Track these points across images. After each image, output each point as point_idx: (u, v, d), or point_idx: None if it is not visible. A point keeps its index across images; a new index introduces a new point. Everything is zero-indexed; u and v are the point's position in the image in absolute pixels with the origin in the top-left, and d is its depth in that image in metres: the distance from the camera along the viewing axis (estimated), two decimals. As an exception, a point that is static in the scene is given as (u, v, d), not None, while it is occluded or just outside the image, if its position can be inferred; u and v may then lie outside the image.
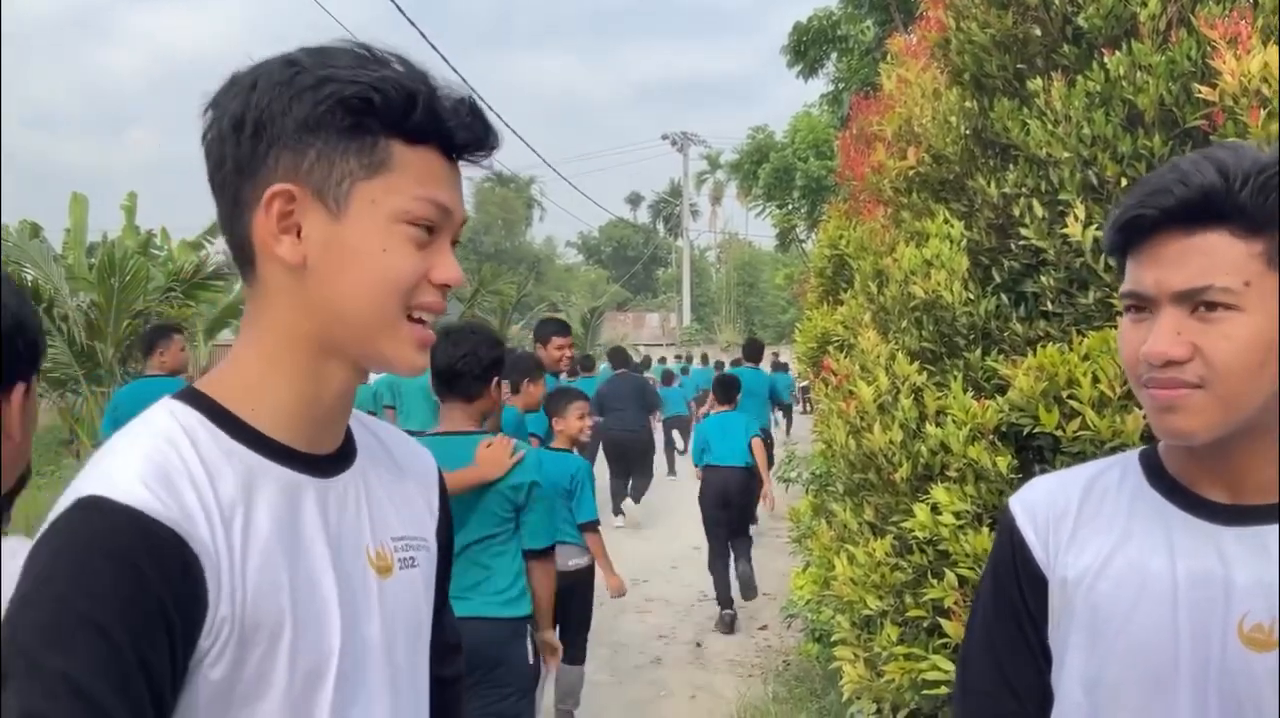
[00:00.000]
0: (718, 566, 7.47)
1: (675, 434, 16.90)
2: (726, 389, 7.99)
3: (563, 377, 5.60)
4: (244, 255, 1.06)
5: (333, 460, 1.11)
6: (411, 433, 1.44)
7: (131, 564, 0.89)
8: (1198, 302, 1.12)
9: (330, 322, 1.04)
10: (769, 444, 8.64)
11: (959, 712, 1.41)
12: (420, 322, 1.05)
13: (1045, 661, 1.33)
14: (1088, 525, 1.30)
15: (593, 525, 5.01)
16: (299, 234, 1.02)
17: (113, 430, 1.16)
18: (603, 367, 15.54)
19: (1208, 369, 1.11)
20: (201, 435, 1.02)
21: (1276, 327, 1.10)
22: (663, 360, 27.24)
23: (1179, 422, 1.14)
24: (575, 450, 5.08)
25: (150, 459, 0.96)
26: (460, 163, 1.09)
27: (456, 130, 1.04)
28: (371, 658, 1.09)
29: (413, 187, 1.02)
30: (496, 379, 3.57)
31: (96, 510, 0.91)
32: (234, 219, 1.05)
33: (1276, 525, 1.17)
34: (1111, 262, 2.43)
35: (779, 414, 16.41)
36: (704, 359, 28.51)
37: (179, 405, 1.05)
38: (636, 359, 20.84)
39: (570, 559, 4.82)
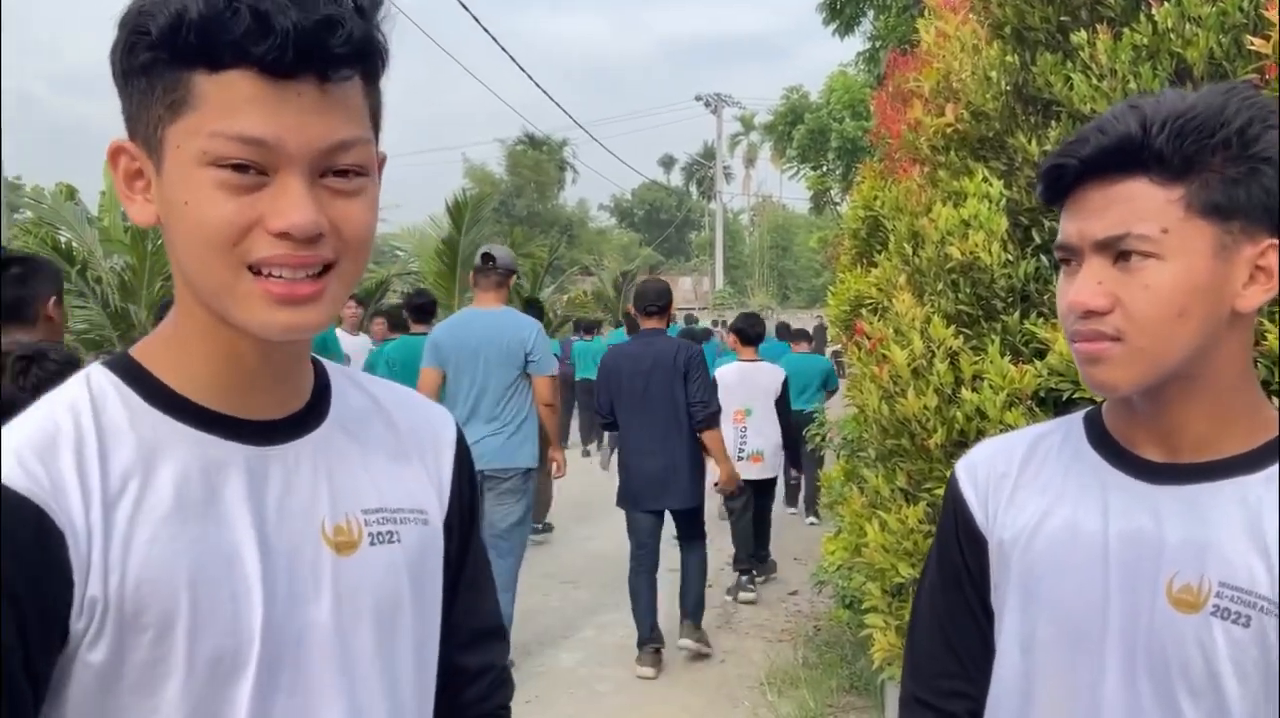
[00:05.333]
0: None
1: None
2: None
3: None
4: None
5: (279, 427, 1.02)
6: None
7: None
8: (1118, 251, 1.11)
9: (188, 283, 0.95)
10: None
11: (905, 675, 1.42)
12: (271, 276, 0.89)
13: (988, 622, 1.33)
14: (1027, 487, 1.30)
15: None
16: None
17: None
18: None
19: (1127, 321, 1.11)
20: (110, 402, 0.95)
21: (1198, 275, 1.09)
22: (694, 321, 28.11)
23: (1102, 374, 1.14)
24: None
25: (39, 428, 0.91)
26: (337, 80, 0.90)
27: (250, 44, 0.85)
28: (315, 642, 0.99)
29: (210, 122, 0.87)
30: None
31: None
32: None
33: (1209, 484, 1.16)
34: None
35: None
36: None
37: (99, 370, 0.98)
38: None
39: None
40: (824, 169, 19.34)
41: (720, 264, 45.85)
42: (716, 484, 6.10)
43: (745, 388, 7.07)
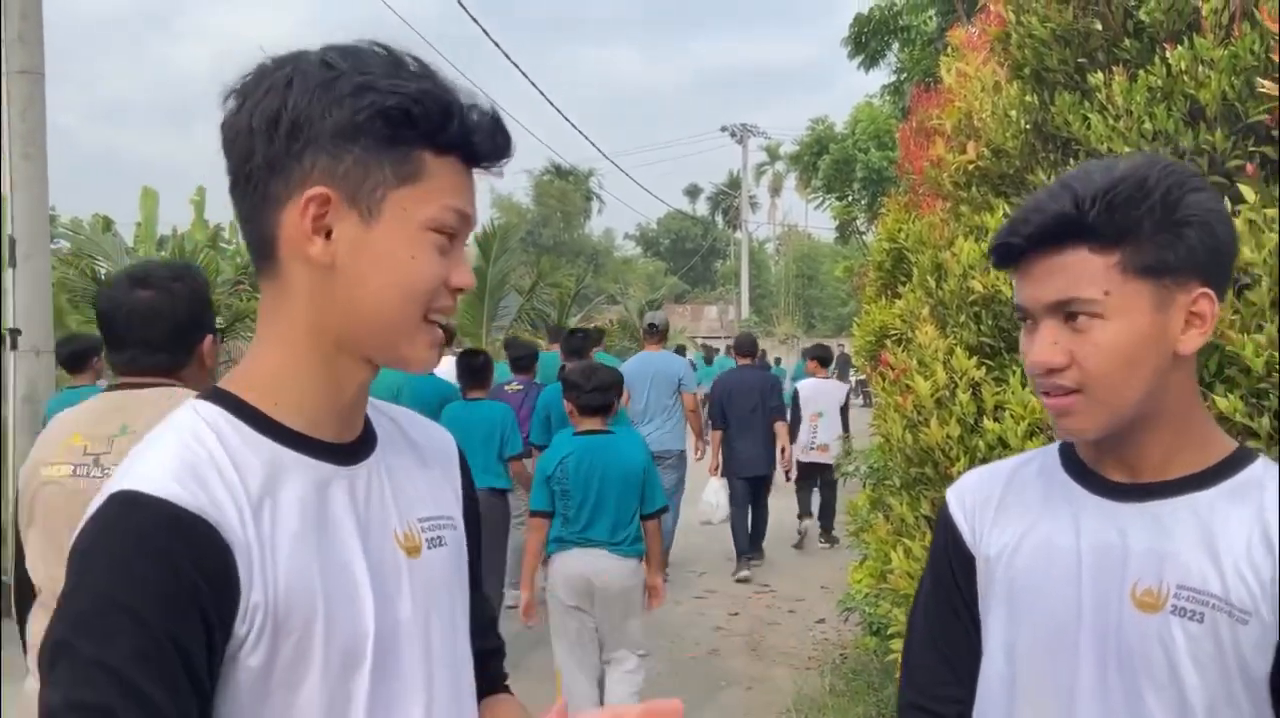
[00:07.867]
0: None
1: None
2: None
3: None
4: (266, 250, 1.08)
5: (354, 449, 1.15)
6: None
7: (165, 554, 0.94)
8: (1066, 313, 1.26)
9: (353, 321, 1.07)
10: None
11: (903, 683, 1.56)
12: (434, 323, 1.10)
13: (976, 631, 1.47)
14: (1009, 509, 1.46)
15: None
16: (329, 235, 1.05)
17: None
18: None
19: (1083, 375, 1.26)
20: (226, 430, 1.06)
21: (1140, 329, 1.24)
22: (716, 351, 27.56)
23: (1071, 424, 1.30)
24: None
25: (179, 456, 1.01)
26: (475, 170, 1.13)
27: (482, 144, 1.08)
28: (405, 638, 1.12)
29: (442, 196, 1.06)
30: None
31: (130, 505, 0.96)
32: (260, 214, 1.07)
33: (1167, 500, 1.31)
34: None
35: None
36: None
37: (203, 404, 1.09)
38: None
39: None
40: (849, 199, 19.40)
41: (746, 293, 45.84)
42: (786, 471, 9.80)
43: (818, 398, 10.09)
